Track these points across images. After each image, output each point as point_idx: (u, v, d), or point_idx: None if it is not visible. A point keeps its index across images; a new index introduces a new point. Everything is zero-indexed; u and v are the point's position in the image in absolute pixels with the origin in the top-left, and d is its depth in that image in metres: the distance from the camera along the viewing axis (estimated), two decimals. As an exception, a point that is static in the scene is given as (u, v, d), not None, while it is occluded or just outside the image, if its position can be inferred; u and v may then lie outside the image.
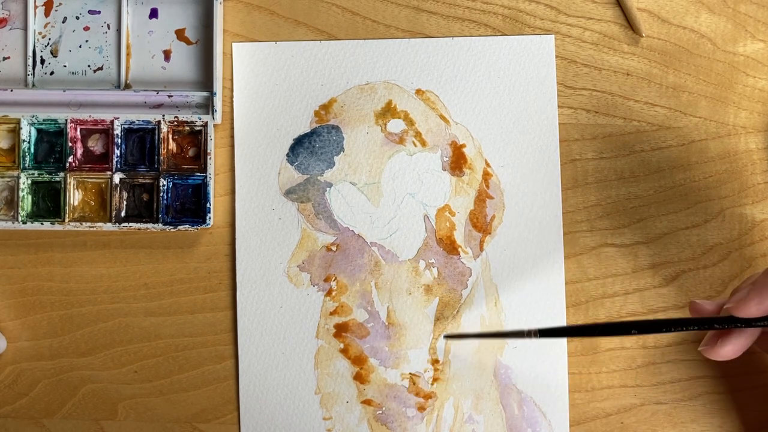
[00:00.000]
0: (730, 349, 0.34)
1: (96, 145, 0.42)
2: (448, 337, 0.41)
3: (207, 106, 0.42)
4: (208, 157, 0.41)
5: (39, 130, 0.42)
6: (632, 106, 0.42)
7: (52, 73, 0.43)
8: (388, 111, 0.42)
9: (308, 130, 0.42)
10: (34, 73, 0.43)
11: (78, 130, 0.42)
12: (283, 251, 0.42)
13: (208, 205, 0.41)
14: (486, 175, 0.42)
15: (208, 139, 0.41)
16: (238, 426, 0.41)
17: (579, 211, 0.41)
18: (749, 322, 0.33)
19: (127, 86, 0.42)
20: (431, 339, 0.41)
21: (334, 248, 0.42)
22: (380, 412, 0.41)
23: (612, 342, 0.41)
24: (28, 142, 0.41)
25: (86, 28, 0.43)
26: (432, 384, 0.41)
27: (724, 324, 0.33)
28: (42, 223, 0.41)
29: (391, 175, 0.42)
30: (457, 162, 0.42)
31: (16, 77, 0.43)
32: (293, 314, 0.41)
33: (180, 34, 0.43)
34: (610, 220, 0.41)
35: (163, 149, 0.41)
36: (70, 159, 0.41)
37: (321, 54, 0.42)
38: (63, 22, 0.43)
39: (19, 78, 0.43)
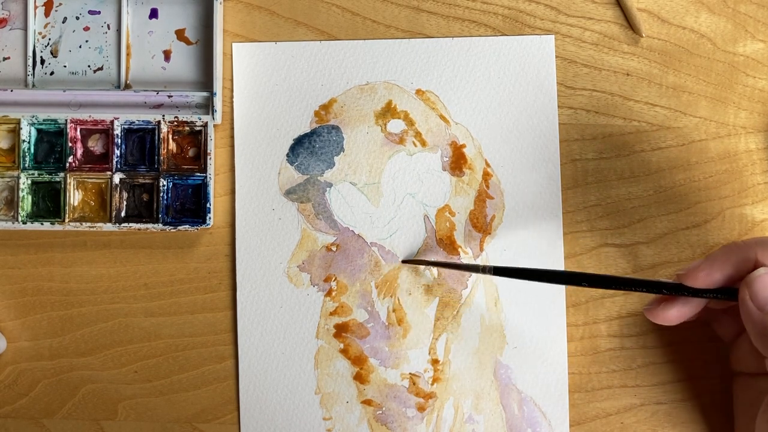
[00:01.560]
0: (673, 314, 0.35)
1: (96, 145, 0.42)
2: (405, 262, 0.41)
3: (207, 106, 0.42)
4: (208, 157, 0.41)
5: (39, 130, 0.42)
6: (632, 106, 0.42)
7: (52, 73, 0.43)
8: (388, 111, 0.42)
9: (308, 130, 0.42)
10: (34, 73, 0.43)
11: (78, 130, 0.42)
12: (283, 251, 0.42)
13: (208, 205, 0.41)
14: (486, 175, 0.42)
15: (208, 139, 0.41)
16: (238, 426, 0.41)
17: (579, 211, 0.41)
18: (696, 293, 0.34)
19: (127, 86, 0.42)
20: (431, 339, 0.41)
21: (334, 248, 0.42)
22: (380, 412, 0.41)
23: (612, 342, 0.41)
24: (28, 142, 0.41)
25: (86, 28, 0.43)
26: (432, 384, 0.41)
27: (672, 290, 0.34)
28: (42, 223, 0.41)
29: (391, 175, 0.42)
30: (457, 162, 0.42)
31: (16, 77, 0.43)
32: (293, 314, 0.41)
33: (180, 34, 0.43)
34: (610, 220, 0.41)
35: (163, 149, 0.41)
36: (70, 159, 0.41)
37: (321, 54, 0.42)
38: (63, 22, 0.43)
39: (19, 78, 0.43)
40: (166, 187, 0.41)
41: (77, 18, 0.43)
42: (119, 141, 0.41)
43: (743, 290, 0.32)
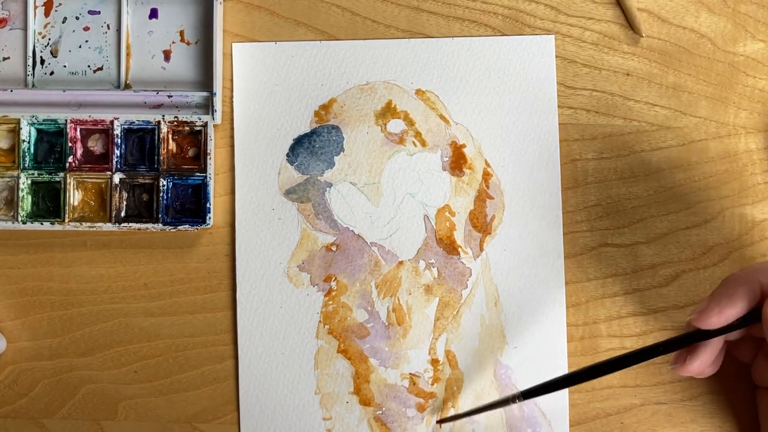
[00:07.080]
0: (699, 363, 0.34)
1: (96, 145, 0.42)
2: (441, 421, 0.40)
3: (207, 106, 0.42)
4: (208, 157, 0.41)
5: (39, 130, 0.42)
6: (632, 106, 0.42)
7: (51, 73, 0.43)
8: (388, 111, 0.42)
9: (308, 130, 0.42)
10: (33, 73, 0.43)
11: (78, 130, 0.42)
12: (283, 251, 0.42)
13: (208, 205, 0.41)
14: (486, 175, 0.42)
15: (208, 139, 0.41)
16: (238, 426, 0.41)
17: (579, 211, 0.41)
18: (713, 334, 0.33)
19: (127, 86, 0.42)
20: (431, 339, 0.41)
21: (334, 248, 0.42)
22: (380, 412, 0.41)
23: (612, 342, 0.41)
24: (28, 142, 0.41)
25: (86, 29, 0.43)
26: (432, 384, 0.41)
27: (690, 341, 0.34)
28: (42, 223, 0.41)
29: (391, 175, 0.42)
30: (457, 162, 0.42)
31: (16, 77, 0.43)
32: (293, 314, 0.41)
33: (180, 34, 0.43)
34: (610, 220, 0.41)
35: (163, 149, 0.41)
36: (70, 159, 0.41)
37: (321, 54, 0.42)
38: (63, 22, 0.43)
39: (19, 78, 0.43)
40: (166, 187, 0.41)
41: (77, 18, 0.43)
42: (119, 141, 0.41)
43: None
